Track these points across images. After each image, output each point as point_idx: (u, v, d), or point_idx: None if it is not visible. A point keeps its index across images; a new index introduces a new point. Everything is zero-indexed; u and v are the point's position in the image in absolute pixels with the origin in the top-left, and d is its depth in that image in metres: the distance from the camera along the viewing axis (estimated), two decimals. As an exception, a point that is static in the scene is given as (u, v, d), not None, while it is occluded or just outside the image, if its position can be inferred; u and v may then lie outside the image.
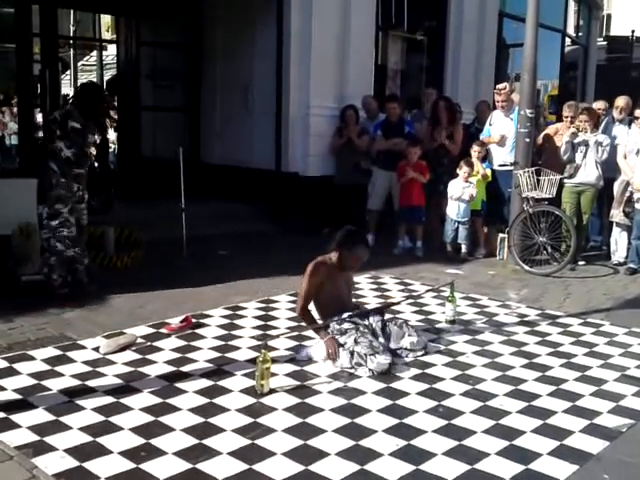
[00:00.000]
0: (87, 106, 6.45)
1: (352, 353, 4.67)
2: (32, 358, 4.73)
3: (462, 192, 8.42)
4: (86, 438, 3.61)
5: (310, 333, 5.28)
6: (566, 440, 3.76)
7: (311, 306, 5.10)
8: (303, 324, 5.53)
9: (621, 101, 8.79)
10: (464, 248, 8.59)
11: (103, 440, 3.59)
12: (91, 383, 4.35)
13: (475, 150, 8.73)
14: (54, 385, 4.30)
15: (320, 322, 5.02)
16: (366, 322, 5.00)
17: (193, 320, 5.57)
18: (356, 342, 4.69)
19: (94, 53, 18.38)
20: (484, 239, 8.83)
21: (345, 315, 4.97)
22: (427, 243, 8.80)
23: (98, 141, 10.57)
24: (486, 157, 8.91)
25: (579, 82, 17.11)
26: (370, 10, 10.58)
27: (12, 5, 8.51)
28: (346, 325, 4.87)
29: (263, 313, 5.99)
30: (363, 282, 7.04)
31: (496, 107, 9.15)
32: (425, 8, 12.36)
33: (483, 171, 8.70)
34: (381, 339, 4.90)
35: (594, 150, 8.09)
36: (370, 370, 4.56)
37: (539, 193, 7.93)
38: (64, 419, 3.82)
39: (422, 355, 4.93)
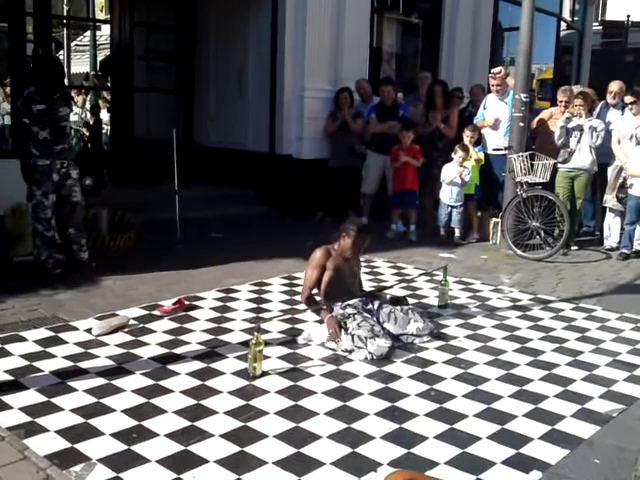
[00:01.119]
0: (44, 84, 6.37)
1: (353, 336, 4.68)
2: (24, 339, 4.73)
3: (454, 175, 8.41)
4: (78, 419, 3.61)
5: (303, 316, 5.31)
6: (557, 425, 3.78)
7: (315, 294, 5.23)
8: (296, 307, 5.59)
9: (615, 86, 8.77)
10: (457, 232, 8.60)
11: (95, 421, 3.59)
12: (83, 364, 4.34)
13: (467, 135, 8.71)
14: (46, 366, 4.29)
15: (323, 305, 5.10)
16: (369, 307, 5.04)
17: (186, 302, 5.57)
18: (358, 326, 4.70)
19: (88, 33, 18.23)
20: (477, 223, 8.83)
21: (351, 302, 5.00)
22: (420, 227, 8.81)
23: (83, 114, 10.47)
24: (479, 141, 8.91)
25: (574, 66, 17.05)
26: (366, -8, 10.52)
27: (4, -16, 8.45)
28: (350, 310, 4.89)
29: (256, 296, 5.99)
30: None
31: (491, 91, 9.14)
32: (421, -10, 12.33)
33: (476, 155, 8.69)
34: (387, 324, 4.93)
35: (588, 135, 8.09)
36: (370, 353, 4.57)
37: (533, 177, 7.93)
38: (56, 400, 3.82)
39: (428, 341, 4.92)
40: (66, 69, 16.48)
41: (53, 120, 6.34)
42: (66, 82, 6.86)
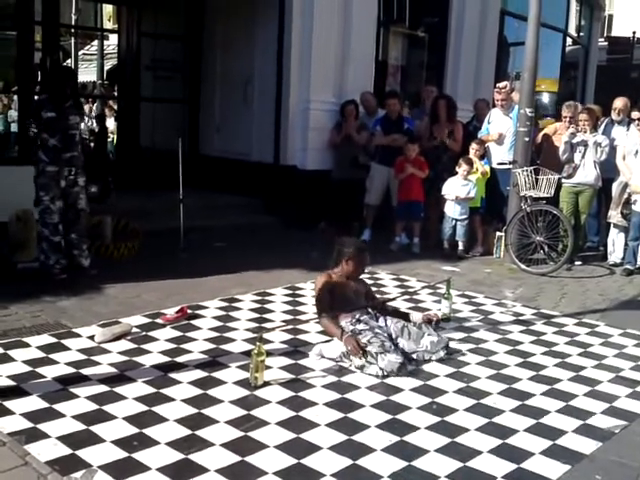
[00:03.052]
0: (57, 92, 6.50)
1: (364, 352, 4.58)
2: (27, 345, 4.73)
3: (459, 190, 8.43)
4: (79, 426, 3.61)
5: (305, 326, 5.32)
6: (559, 440, 3.77)
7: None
8: (299, 317, 5.61)
9: (619, 102, 8.77)
10: (461, 245, 8.59)
11: (96, 429, 3.59)
12: (85, 371, 4.35)
13: (474, 148, 8.74)
14: (48, 372, 4.29)
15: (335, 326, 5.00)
16: (380, 323, 4.99)
17: (188, 311, 5.57)
18: (369, 342, 4.62)
19: (95, 42, 18.33)
20: (482, 237, 8.82)
21: (361, 317, 4.96)
22: (424, 239, 8.80)
23: (89, 123, 10.55)
24: (484, 155, 8.92)
25: (579, 82, 17.11)
26: (372, 5, 10.57)
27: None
28: (360, 326, 4.85)
29: (259, 306, 5.98)
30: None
31: (495, 105, 9.16)
32: (427, 4, 12.33)
33: (482, 168, 8.71)
34: (400, 339, 4.85)
35: (593, 150, 8.10)
36: (381, 369, 4.50)
37: (537, 192, 7.94)
38: (58, 407, 3.82)
39: (444, 356, 4.85)
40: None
41: (63, 128, 6.45)
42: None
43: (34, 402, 3.87)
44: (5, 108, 13.93)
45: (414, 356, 4.81)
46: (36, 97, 8.26)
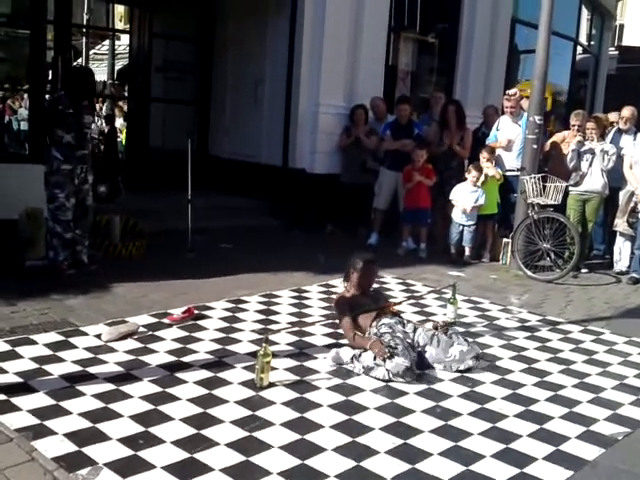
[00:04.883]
0: (75, 90, 6.63)
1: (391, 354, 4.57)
2: (34, 342, 4.76)
3: (468, 198, 8.43)
4: (85, 424, 3.63)
5: (311, 329, 5.37)
6: (562, 446, 3.78)
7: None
8: (305, 319, 5.62)
9: (627, 112, 8.76)
10: (467, 251, 8.60)
11: (102, 426, 3.61)
12: (92, 369, 4.37)
13: (485, 157, 8.68)
14: (55, 370, 4.32)
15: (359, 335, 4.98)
16: (408, 330, 4.93)
17: (195, 311, 5.59)
18: (382, 343, 4.63)
19: (106, 42, 18.36)
20: (492, 243, 8.79)
21: (386, 321, 4.92)
22: (431, 245, 8.82)
23: (99, 123, 10.65)
24: (495, 163, 8.90)
25: (589, 91, 17.09)
26: (383, 10, 10.58)
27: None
28: (383, 329, 4.82)
29: (265, 307, 6.01)
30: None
31: (504, 112, 9.17)
32: (438, 10, 12.34)
33: (495, 172, 8.65)
34: (428, 347, 4.80)
35: (600, 158, 8.10)
36: (387, 370, 4.48)
37: (544, 199, 7.95)
38: (64, 404, 3.85)
39: (473, 366, 4.79)
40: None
41: (78, 125, 6.58)
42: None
43: (41, 399, 3.90)
44: (17, 107, 14.02)
45: (441, 366, 4.77)
46: (47, 95, 8.33)
